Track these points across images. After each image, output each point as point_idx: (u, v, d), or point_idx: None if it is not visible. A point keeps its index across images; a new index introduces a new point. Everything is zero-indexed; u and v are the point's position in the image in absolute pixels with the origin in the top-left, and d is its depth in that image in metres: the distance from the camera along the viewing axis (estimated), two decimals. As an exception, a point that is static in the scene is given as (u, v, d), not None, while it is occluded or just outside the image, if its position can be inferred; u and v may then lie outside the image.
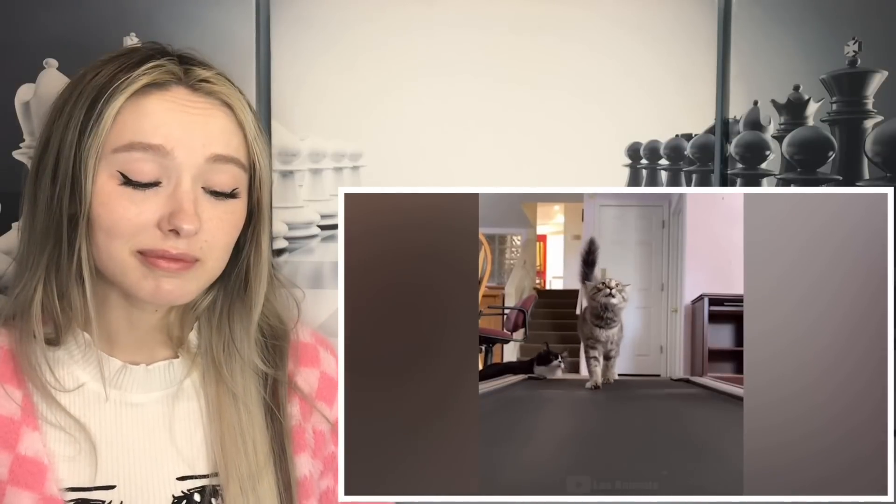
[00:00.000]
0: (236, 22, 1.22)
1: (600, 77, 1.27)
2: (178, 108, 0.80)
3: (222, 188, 0.82)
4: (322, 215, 1.28)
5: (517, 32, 1.26)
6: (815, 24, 1.26)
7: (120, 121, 0.79)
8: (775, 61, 1.26)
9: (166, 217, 0.79)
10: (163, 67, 0.81)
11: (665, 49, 1.27)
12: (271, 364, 0.91)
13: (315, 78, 1.25)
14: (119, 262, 0.80)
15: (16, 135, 1.19)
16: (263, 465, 0.87)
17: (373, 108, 1.25)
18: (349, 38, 1.25)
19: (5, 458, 0.79)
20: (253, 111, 0.87)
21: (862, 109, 1.26)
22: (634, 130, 1.28)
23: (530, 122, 1.26)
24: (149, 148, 0.79)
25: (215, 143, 0.81)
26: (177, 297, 0.82)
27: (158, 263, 0.79)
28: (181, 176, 0.80)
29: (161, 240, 0.79)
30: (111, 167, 0.79)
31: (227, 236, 0.84)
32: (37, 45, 1.20)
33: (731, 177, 1.29)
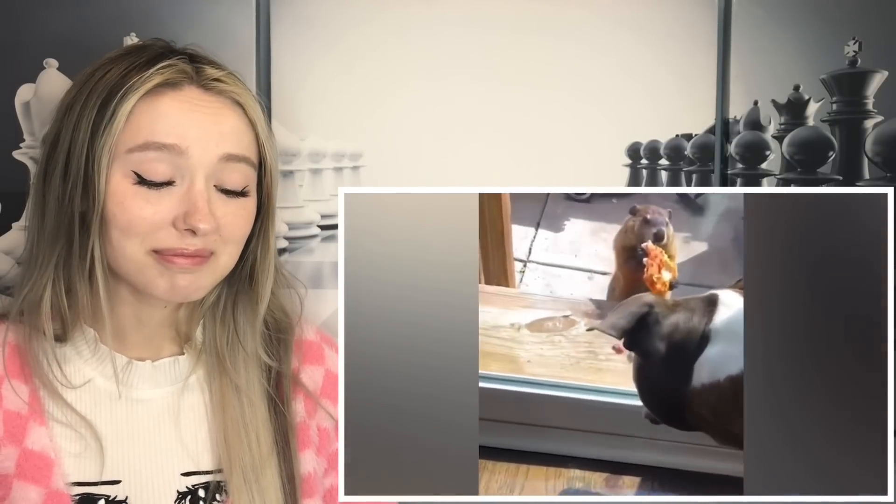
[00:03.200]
0: (237, 22, 1.22)
1: (600, 77, 1.27)
2: (192, 107, 0.81)
3: (234, 186, 0.83)
4: (322, 215, 1.28)
5: (517, 32, 1.26)
6: (815, 24, 1.26)
7: (133, 121, 0.79)
8: (775, 61, 1.26)
9: (181, 216, 0.79)
10: (175, 67, 0.81)
11: (665, 49, 1.27)
12: (275, 357, 0.91)
13: (315, 78, 1.25)
14: (134, 261, 0.80)
15: (16, 135, 1.19)
16: (267, 458, 0.87)
17: (373, 108, 1.26)
18: (349, 38, 1.25)
19: (12, 453, 0.80)
20: (263, 109, 0.87)
21: (862, 109, 1.26)
22: (634, 130, 1.28)
23: (530, 121, 1.26)
24: (163, 147, 0.79)
25: (228, 143, 0.82)
26: (192, 293, 0.83)
27: (174, 261, 0.80)
28: (195, 175, 0.80)
29: (177, 238, 0.80)
30: (125, 167, 0.79)
31: (241, 230, 0.84)
32: (37, 45, 1.20)
33: (731, 177, 1.29)
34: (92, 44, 1.19)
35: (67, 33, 1.20)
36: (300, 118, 1.25)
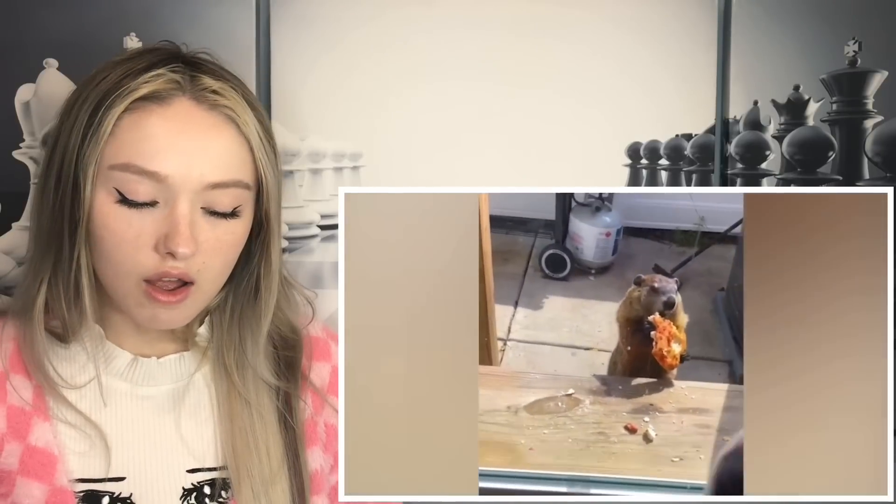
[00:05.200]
0: (237, 22, 1.22)
1: (600, 77, 1.27)
2: (178, 130, 0.78)
3: (223, 209, 0.80)
4: (322, 215, 1.28)
5: (517, 33, 1.26)
6: (815, 24, 1.26)
7: (119, 135, 0.78)
8: (775, 61, 1.26)
9: (162, 239, 0.78)
10: (164, 77, 0.79)
11: (665, 49, 1.27)
12: (283, 377, 0.90)
13: (315, 78, 1.25)
14: (122, 287, 0.80)
15: (16, 135, 1.19)
16: (277, 470, 0.87)
17: (373, 109, 1.25)
18: (349, 39, 1.25)
19: (16, 449, 0.80)
20: (262, 121, 0.84)
21: (862, 109, 1.26)
22: (634, 130, 1.28)
23: (530, 121, 1.26)
24: (144, 173, 0.78)
25: (215, 171, 0.79)
26: (174, 325, 0.84)
27: (157, 297, 0.79)
28: (177, 199, 0.78)
29: (160, 261, 0.78)
30: (108, 184, 0.78)
31: (225, 257, 0.82)
32: (37, 45, 1.20)
33: (731, 177, 1.29)
34: (92, 44, 1.19)
35: (67, 33, 1.20)
36: (300, 118, 1.25)
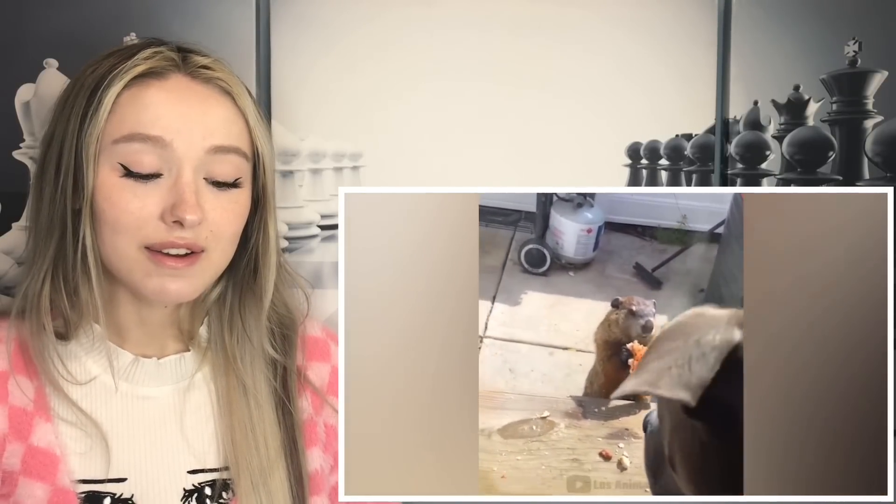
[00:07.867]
0: (237, 21, 1.22)
1: (600, 77, 1.27)
2: (177, 98, 0.81)
3: (225, 178, 0.83)
4: (322, 215, 1.28)
5: (518, 33, 1.26)
6: (815, 24, 1.26)
7: (119, 111, 0.79)
8: (775, 61, 1.26)
9: (169, 209, 0.79)
10: (161, 54, 0.82)
11: (665, 49, 1.27)
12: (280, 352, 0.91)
13: (315, 78, 1.25)
14: (125, 258, 0.80)
15: (16, 135, 1.19)
16: (275, 460, 0.87)
17: (373, 109, 1.25)
18: (350, 38, 1.25)
19: (18, 449, 0.80)
20: (252, 98, 0.87)
21: (862, 109, 1.26)
22: (634, 130, 1.28)
23: (530, 121, 1.26)
24: (148, 139, 0.79)
25: (215, 134, 0.82)
26: (183, 296, 0.83)
27: (164, 262, 0.80)
28: (182, 167, 0.80)
29: (166, 231, 0.79)
30: (112, 159, 0.79)
31: (233, 226, 0.84)
32: (37, 45, 1.20)
33: (731, 177, 1.29)
34: (92, 43, 1.19)
35: (67, 33, 1.20)
36: (300, 118, 1.25)
